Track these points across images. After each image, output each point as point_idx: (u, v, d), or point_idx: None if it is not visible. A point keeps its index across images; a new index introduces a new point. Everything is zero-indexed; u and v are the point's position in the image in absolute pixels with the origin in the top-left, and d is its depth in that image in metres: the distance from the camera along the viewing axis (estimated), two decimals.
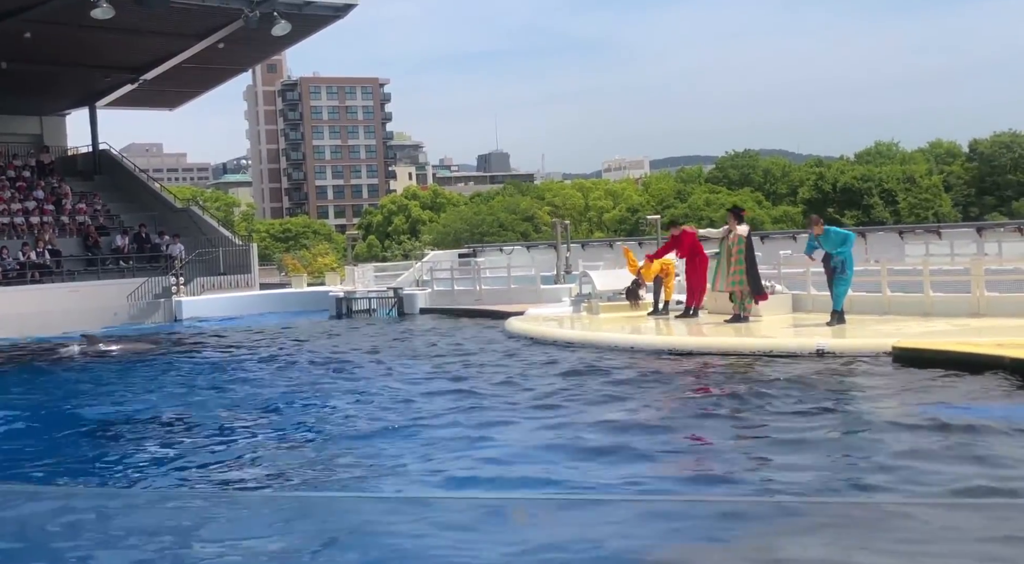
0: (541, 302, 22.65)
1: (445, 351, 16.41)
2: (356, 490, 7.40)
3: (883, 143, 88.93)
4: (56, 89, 34.32)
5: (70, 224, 32.40)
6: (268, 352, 18.34)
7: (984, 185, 79.54)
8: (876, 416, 8.92)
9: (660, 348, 14.03)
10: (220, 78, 37.77)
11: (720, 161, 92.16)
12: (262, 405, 11.75)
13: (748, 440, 8.38)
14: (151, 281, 29.34)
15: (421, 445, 8.79)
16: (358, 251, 78.05)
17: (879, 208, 74.21)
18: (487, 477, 7.45)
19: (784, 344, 13.09)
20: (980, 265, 14.97)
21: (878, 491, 6.56)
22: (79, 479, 8.47)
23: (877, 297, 15.77)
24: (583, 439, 8.60)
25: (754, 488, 6.84)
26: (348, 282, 29.99)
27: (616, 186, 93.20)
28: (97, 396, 13.47)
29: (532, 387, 11.73)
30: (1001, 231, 26.06)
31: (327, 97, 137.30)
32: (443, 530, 5.33)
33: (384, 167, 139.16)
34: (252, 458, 8.88)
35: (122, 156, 39.02)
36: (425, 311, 25.34)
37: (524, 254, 34.15)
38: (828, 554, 4.59)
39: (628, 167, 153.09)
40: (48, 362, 18.18)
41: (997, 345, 11.07)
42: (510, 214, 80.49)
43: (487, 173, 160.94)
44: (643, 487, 7.02)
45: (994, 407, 9.07)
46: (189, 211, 35.64)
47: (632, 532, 5.16)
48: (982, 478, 6.71)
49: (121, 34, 29.55)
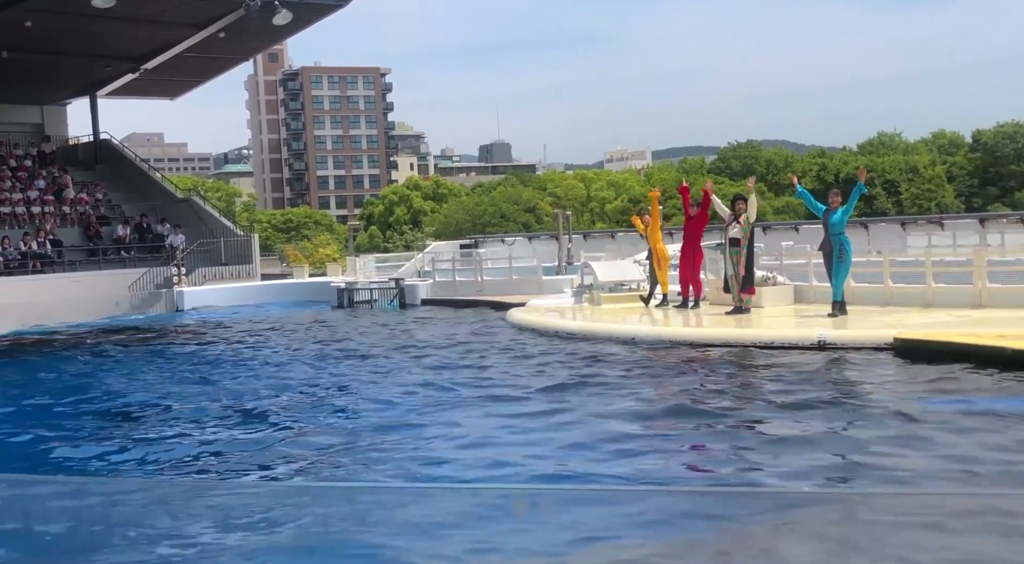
0: (543, 293, 22.65)
1: (446, 341, 16.40)
2: (356, 480, 7.39)
3: (886, 134, 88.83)
4: (57, 78, 34.27)
5: (71, 214, 32.39)
6: (270, 343, 18.35)
7: (987, 176, 79.47)
8: (876, 407, 8.90)
9: (662, 339, 14.02)
10: (221, 67, 37.70)
11: (722, 152, 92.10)
12: (264, 395, 11.76)
13: (745, 431, 8.37)
14: (152, 271, 29.34)
15: (420, 436, 8.79)
16: (359, 242, 78.05)
17: (882, 199, 74.18)
18: (482, 467, 7.45)
19: (785, 335, 13.07)
20: (982, 256, 14.92)
21: (878, 481, 6.56)
22: (79, 468, 8.48)
23: (879, 288, 15.73)
24: (583, 430, 8.60)
25: (747, 478, 6.83)
26: (350, 273, 29.99)
27: (618, 177, 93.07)
28: (85, 388, 13.47)
29: (532, 378, 11.71)
30: (1004, 222, 25.98)
31: (328, 87, 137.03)
32: (445, 521, 5.33)
33: (386, 157, 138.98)
34: (257, 449, 8.88)
35: (123, 146, 38.98)
36: (427, 302, 25.34)
37: (526, 245, 34.12)
38: (826, 548, 4.58)
39: (630, 157, 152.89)
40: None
41: (999, 337, 11.05)
42: (512, 205, 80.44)
43: (489, 164, 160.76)
44: (640, 479, 7.02)
45: (994, 399, 9.05)
46: (190, 201, 35.62)
47: (624, 525, 5.16)
48: (979, 466, 6.70)
49: (122, 23, 29.47)
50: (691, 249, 17.19)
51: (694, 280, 17.20)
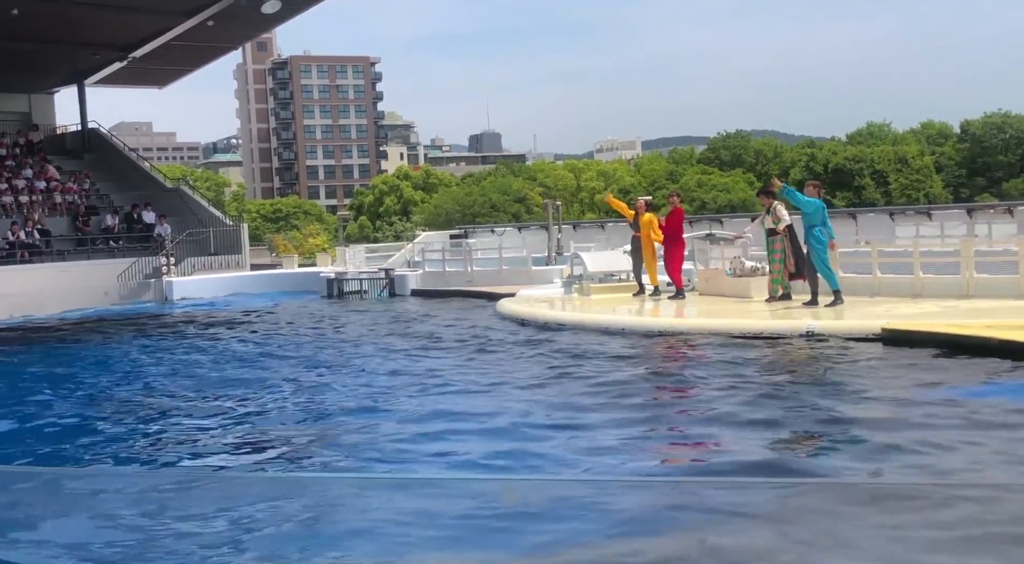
0: (532, 283, 22.67)
1: (436, 332, 16.41)
2: (342, 471, 7.41)
3: (875, 124, 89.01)
4: (44, 67, 34.06)
5: (59, 203, 32.24)
6: (260, 332, 18.34)
7: (975, 166, 79.79)
8: (862, 396, 8.96)
9: (651, 329, 14.06)
10: (210, 56, 37.50)
11: (712, 142, 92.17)
12: (255, 385, 11.75)
13: (729, 419, 8.41)
14: (141, 261, 29.26)
15: (414, 425, 8.81)
16: (349, 232, 77.98)
17: (870, 189, 74.40)
18: (473, 457, 7.48)
19: (773, 326, 13.13)
20: (970, 246, 15.00)
21: (876, 471, 6.61)
22: (61, 459, 8.48)
23: (867, 278, 15.80)
24: (571, 419, 8.63)
25: (730, 468, 6.87)
26: (339, 263, 29.93)
27: (608, 167, 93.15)
28: (70, 377, 13.45)
29: (520, 369, 11.75)
30: (991, 212, 26.03)
31: (318, 76, 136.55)
32: (438, 511, 5.35)
33: (375, 147, 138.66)
34: (246, 438, 8.89)
35: (111, 135, 38.80)
36: (416, 292, 25.33)
37: (515, 235, 34.09)
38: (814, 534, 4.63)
39: (620, 148, 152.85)
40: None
41: (986, 327, 11.12)
42: (502, 195, 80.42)
43: (479, 153, 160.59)
44: (625, 468, 7.06)
45: (980, 388, 9.12)
46: (179, 191, 35.49)
47: (607, 515, 5.19)
48: (960, 458, 6.76)
49: (110, 11, 29.31)
50: (675, 238, 17.38)
51: (678, 269, 17.35)
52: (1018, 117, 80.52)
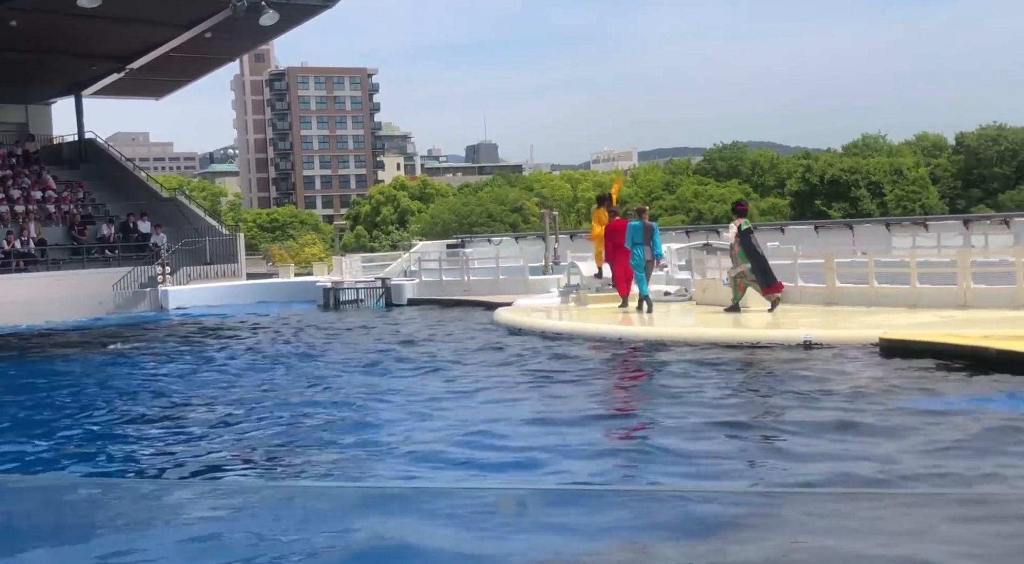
0: (529, 293, 22.66)
1: (433, 341, 16.39)
2: (342, 480, 7.38)
3: (870, 136, 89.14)
4: (42, 77, 34.06)
5: (55, 213, 32.20)
6: (255, 342, 18.30)
7: (970, 178, 79.89)
8: (862, 406, 8.95)
9: (648, 339, 14.05)
10: (207, 68, 37.52)
11: (708, 153, 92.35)
12: (253, 396, 11.73)
13: (728, 429, 8.40)
14: (136, 270, 29.22)
15: (417, 433, 8.79)
16: (346, 241, 77.92)
17: (866, 200, 74.46)
18: (471, 466, 7.46)
19: (771, 335, 13.12)
20: (966, 257, 15.02)
21: (873, 482, 6.59)
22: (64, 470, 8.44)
23: (864, 289, 15.81)
24: (566, 430, 8.61)
25: (728, 478, 6.86)
26: (336, 272, 29.90)
27: (604, 177, 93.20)
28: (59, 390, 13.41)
29: (518, 378, 11.73)
30: (987, 223, 26.04)
31: (315, 87, 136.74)
32: (437, 520, 5.33)
33: (372, 157, 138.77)
34: (244, 448, 8.85)
35: (108, 145, 38.77)
36: (413, 302, 25.30)
37: (512, 245, 34.08)
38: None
39: (616, 158, 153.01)
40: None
41: (983, 337, 11.12)
42: (498, 205, 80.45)
43: (476, 164, 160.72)
44: (622, 478, 7.04)
45: (976, 398, 9.12)
46: (176, 201, 35.46)
47: (601, 525, 5.17)
48: (958, 467, 6.75)
49: (108, 22, 29.31)
50: (616, 248, 17.83)
51: (626, 277, 17.65)
52: (1013, 129, 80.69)
